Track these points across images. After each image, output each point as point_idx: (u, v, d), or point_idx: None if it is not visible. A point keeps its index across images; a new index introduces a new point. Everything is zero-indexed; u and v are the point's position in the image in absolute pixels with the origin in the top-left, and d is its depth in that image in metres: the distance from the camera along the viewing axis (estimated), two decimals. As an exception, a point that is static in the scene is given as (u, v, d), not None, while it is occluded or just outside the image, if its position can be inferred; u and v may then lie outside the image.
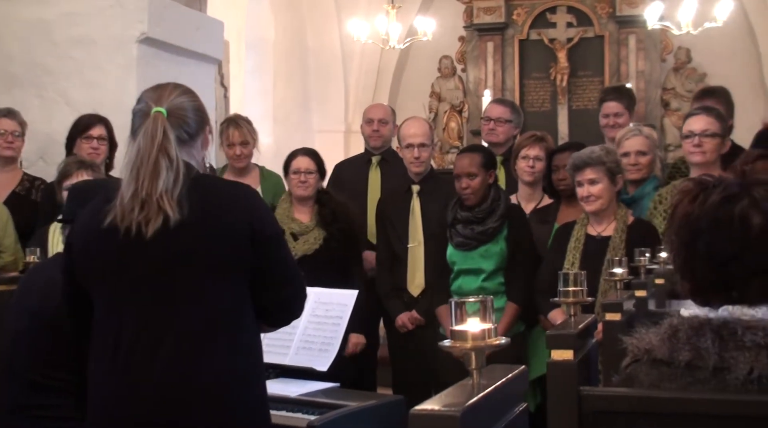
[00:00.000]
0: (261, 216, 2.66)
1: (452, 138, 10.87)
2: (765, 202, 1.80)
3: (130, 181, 2.52)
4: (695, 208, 1.83)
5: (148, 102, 2.65)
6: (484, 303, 1.49)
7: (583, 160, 4.40)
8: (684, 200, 1.86)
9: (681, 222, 1.84)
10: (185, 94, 2.71)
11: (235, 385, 2.57)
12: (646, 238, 4.24)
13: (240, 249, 2.57)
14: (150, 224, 2.48)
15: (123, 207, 2.51)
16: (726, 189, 1.82)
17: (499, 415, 1.43)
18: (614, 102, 5.71)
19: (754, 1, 10.46)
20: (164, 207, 2.48)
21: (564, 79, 10.46)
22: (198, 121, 2.70)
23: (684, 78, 10.53)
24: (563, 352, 1.86)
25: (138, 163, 2.53)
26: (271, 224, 2.74)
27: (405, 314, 5.23)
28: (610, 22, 10.39)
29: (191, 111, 2.68)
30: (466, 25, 10.83)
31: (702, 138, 4.35)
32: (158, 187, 2.49)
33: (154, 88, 2.72)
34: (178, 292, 2.54)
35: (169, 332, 2.51)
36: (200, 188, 2.59)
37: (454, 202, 4.85)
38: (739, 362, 1.73)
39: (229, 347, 2.56)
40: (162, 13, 5.65)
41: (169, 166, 2.52)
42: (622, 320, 2.77)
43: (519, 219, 4.84)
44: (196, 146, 2.71)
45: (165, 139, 2.55)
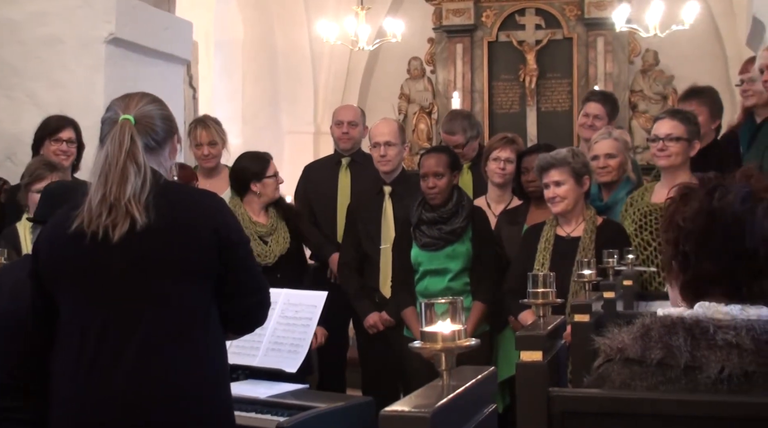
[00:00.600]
0: (227, 223, 2.68)
1: (421, 139, 10.88)
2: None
3: (98, 186, 2.53)
4: (713, 202, 1.84)
5: (117, 110, 2.66)
6: (453, 305, 1.49)
7: (548, 162, 4.44)
8: (696, 193, 1.87)
9: (692, 215, 1.85)
10: (153, 102, 2.73)
11: (199, 389, 2.58)
12: (615, 239, 4.28)
13: (206, 254, 2.60)
14: (117, 228, 2.49)
15: (91, 212, 2.52)
16: (742, 188, 1.84)
17: (469, 416, 1.43)
18: (597, 104, 5.72)
19: (721, 4, 10.55)
20: (132, 211, 2.49)
21: (533, 81, 10.50)
22: (166, 129, 2.72)
23: (651, 80, 10.60)
24: (532, 353, 1.87)
25: (106, 169, 2.54)
26: (237, 231, 2.75)
27: (375, 314, 5.22)
28: (578, 24, 10.45)
29: (159, 119, 2.70)
30: (435, 26, 10.85)
31: (666, 142, 4.38)
32: (126, 191, 2.50)
33: (122, 97, 2.73)
34: (144, 296, 2.54)
35: (134, 336, 2.51)
36: (168, 195, 2.60)
37: (418, 203, 4.86)
38: (710, 361, 1.74)
39: (194, 351, 2.57)
40: (130, 13, 5.62)
41: (136, 171, 2.53)
42: (591, 321, 2.78)
43: (482, 219, 4.88)
44: (164, 154, 2.72)
45: (133, 146, 2.56)
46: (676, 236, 1.88)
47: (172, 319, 2.55)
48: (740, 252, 1.82)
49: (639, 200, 4.55)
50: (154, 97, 2.77)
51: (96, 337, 2.52)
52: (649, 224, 4.40)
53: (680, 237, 1.87)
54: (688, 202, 1.88)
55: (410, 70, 11.22)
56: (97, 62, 5.53)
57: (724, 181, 1.89)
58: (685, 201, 1.89)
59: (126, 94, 2.75)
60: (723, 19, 10.58)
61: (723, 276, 1.83)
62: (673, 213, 1.90)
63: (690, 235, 1.85)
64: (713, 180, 1.89)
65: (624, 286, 3.70)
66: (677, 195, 1.93)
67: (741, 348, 1.73)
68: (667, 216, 1.92)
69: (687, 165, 4.42)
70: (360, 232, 5.34)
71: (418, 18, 11.04)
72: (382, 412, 1.25)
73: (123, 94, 2.78)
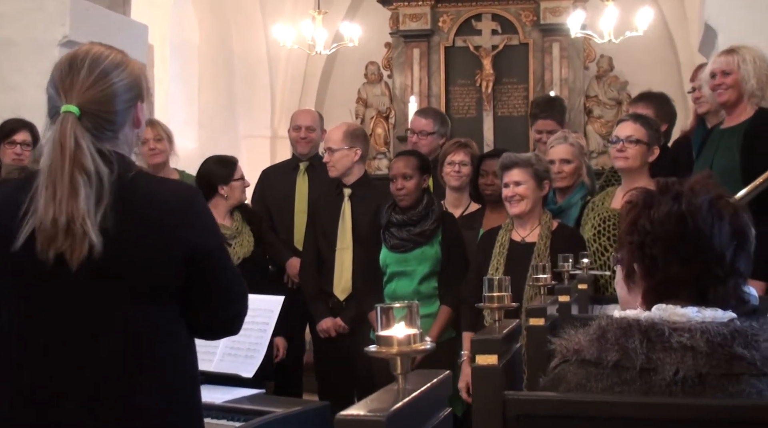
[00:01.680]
0: (202, 228, 2.35)
1: (379, 144, 10.89)
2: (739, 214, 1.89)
3: (48, 200, 2.17)
4: (682, 206, 1.86)
5: (58, 89, 2.31)
6: (410, 309, 1.49)
7: (512, 160, 4.45)
8: (662, 198, 1.89)
9: (662, 219, 1.87)
10: (104, 77, 2.30)
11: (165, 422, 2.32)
12: (570, 243, 4.30)
13: (175, 268, 2.29)
14: (75, 254, 2.16)
15: (45, 231, 2.17)
16: (705, 194, 1.87)
17: (424, 420, 1.43)
18: (548, 120, 5.77)
19: (674, 11, 10.67)
20: (88, 233, 2.15)
21: (489, 86, 10.54)
22: (124, 107, 2.33)
23: (606, 86, 10.69)
24: (488, 357, 1.87)
25: (53, 177, 2.18)
26: (213, 236, 2.42)
27: (329, 320, 5.22)
28: (534, 30, 10.51)
29: (114, 98, 2.31)
30: (392, 31, 10.86)
31: (626, 143, 4.42)
32: (79, 207, 2.15)
33: (66, 67, 2.33)
34: (98, 321, 2.24)
35: (83, 368, 2.23)
36: (133, 195, 2.26)
37: (388, 206, 4.88)
38: (665, 363, 1.75)
39: (158, 381, 2.30)
40: (84, 16, 5.57)
41: (86, 181, 2.17)
42: (546, 325, 2.80)
43: (451, 223, 4.90)
44: (124, 131, 2.35)
45: (78, 151, 2.19)
46: (642, 240, 1.90)
47: (131, 346, 2.26)
48: (709, 257, 1.84)
49: (600, 205, 4.58)
50: (110, 59, 2.34)
51: (36, 363, 2.24)
52: (607, 230, 4.44)
53: (647, 241, 1.89)
54: (653, 206, 1.90)
55: (367, 75, 11.22)
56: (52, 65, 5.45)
57: (683, 185, 1.91)
58: (650, 205, 1.90)
59: (71, 59, 2.34)
60: (676, 25, 10.70)
61: (691, 280, 1.86)
62: (637, 217, 1.91)
63: (659, 239, 1.87)
64: (675, 185, 1.92)
65: (579, 290, 3.72)
66: (639, 199, 1.94)
67: (695, 351, 1.75)
68: (630, 220, 1.93)
69: (646, 169, 4.47)
70: (317, 233, 5.34)
71: (374, 23, 11.05)
72: (338, 416, 1.26)
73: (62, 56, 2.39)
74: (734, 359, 1.75)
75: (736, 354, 1.75)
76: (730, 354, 1.75)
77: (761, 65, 4.56)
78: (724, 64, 4.60)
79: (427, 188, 4.91)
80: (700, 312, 1.82)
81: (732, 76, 4.57)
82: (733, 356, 1.75)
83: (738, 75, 4.55)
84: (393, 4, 10.71)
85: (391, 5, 10.73)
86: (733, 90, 4.58)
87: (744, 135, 4.54)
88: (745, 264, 1.89)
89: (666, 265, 1.87)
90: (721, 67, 4.60)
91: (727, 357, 1.75)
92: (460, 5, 10.68)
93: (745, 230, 1.89)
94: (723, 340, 1.76)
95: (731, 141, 4.58)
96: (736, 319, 1.83)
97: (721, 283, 1.85)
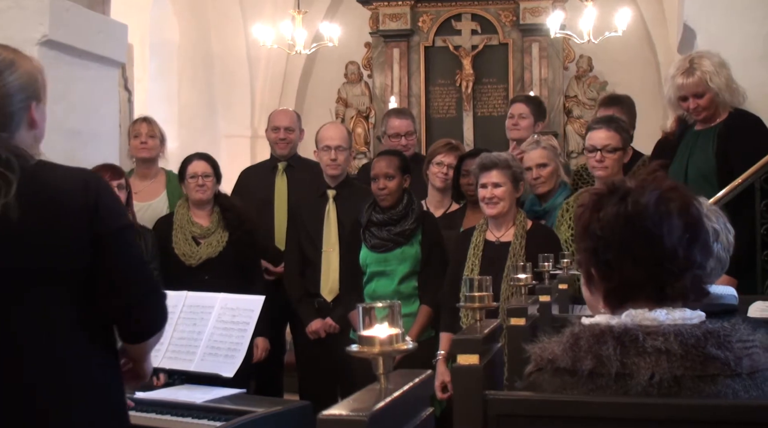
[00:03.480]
0: (105, 210, 2.30)
1: (359, 143, 10.88)
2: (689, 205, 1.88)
3: None
4: (628, 207, 1.86)
5: None
6: (392, 308, 1.50)
7: (492, 161, 4.45)
8: (608, 200, 1.90)
9: (609, 223, 1.87)
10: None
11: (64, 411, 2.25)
12: (546, 243, 4.31)
13: (76, 252, 2.26)
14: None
15: None
16: (651, 192, 1.87)
17: (406, 419, 1.44)
18: (521, 104, 5.80)
19: (653, 12, 10.72)
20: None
21: (469, 86, 10.56)
22: (15, 108, 2.31)
23: (586, 86, 10.73)
24: (469, 357, 1.88)
25: None
26: (117, 217, 2.37)
27: (318, 321, 5.22)
28: (513, 30, 10.54)
29: (2, 101, 2.29)
30: (372, 31, 10.87)
31: (604, 153, 4.45)
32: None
33: None
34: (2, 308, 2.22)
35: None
36: (36, 183, 2.23)
37: (368, 205, 4.88)
38: (640, 368, 1.76)
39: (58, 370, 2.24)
40: (63, 15, 5.54)
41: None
42: (527, 325, 2.81)
43: (432, 223, 4.92)
44: (20, 132, 2.32)
45: None
46: (595, 246, 1.90)
47: (29, 331, 2.22)
48: (661, 255, 1.85)
49: (574, 205, 4.60)
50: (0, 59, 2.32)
51: None
52: (582, 231, 4.45)
53: (599, 247, 1.89)
54: (601, 209, 1.90)
55: (347, 75, 11.22)
56: (30, 65, 5.45)
57: (631, 183, 1.91)
58: (598, 208, 1.90)
59: None
60: (655, 25, 10.74)
61: (647, 280, 1.86)
62: (588, 221, 1.91)
63: (610, 244, 1.87)
64: (622, 185, 1.92)
65: (559, 290, 3.74)
66: (589, 201, 1.94)
67: (670, 354, 1.76)
68: (582, 225, 1.93)
69: (621, 172, 4.51)
70: (301, 235, 5.33)
71: (354, 22, 11.05)
72: (320, 416, 1.26)
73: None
74: (708, 360, 1.75)
75: (709, 356, 1.76)
76: (703, 356, 1.76)
77: (724, 71, 4.54)
78: (693, 87, 4.55)
79: (407, 188, 4.91)
80: (669, 314, 1.83)
81: (706, 97, 4.54)
82: (707, 357, 1.76)
83: (711, 93, 4.52)
84: (373, 4, 10.72)
85: (371, 5, 10.74)
86: (710, 107, 4.57)
87: (719, 136, 4.56)
88: (701, 254, 1.88)
89: (620, 269, 1.87)
90: (692, 91, 4.56)
91: (701, 359, 1.75)
92: (439, 5, 10.70)
93: (697, 221, 1.88)
94: (696, 342, 1.77)
95: (706, 143, 4.60)
96: (706, 320, 1.84)
97: (678, 279, 1.85)
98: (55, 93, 5.46)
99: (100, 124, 5.51)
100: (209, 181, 5.19)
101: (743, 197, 4.52)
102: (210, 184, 5.18)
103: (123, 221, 2.39)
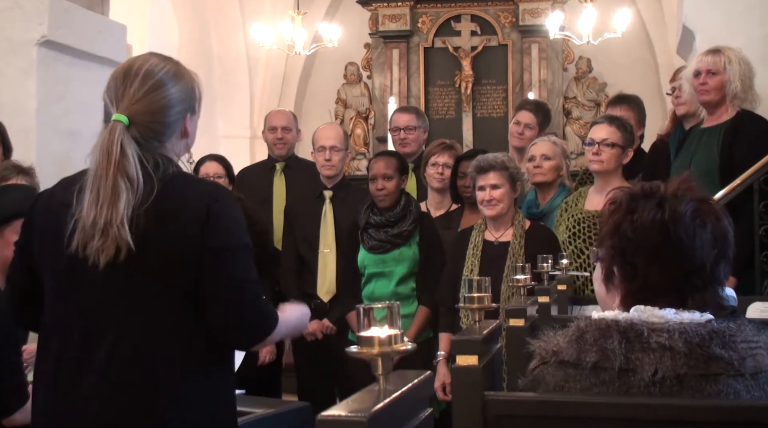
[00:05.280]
0: (216, 224, 2.36)
1: (358, 144, 10.90)
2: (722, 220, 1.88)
3: (91, 204, 2.29)
4: (665, 215, 1.85)
5: (112, 98, 2.39)
6: (391, 309, 1.49)
7: (489, 163, 4.43)
8: (645, 204, 1.89)
9: (644, 228, 1.86)
10: (158, 88, 2.39)
11: None
12: (545, 243, 4.31)
13: (189, 268, 2.34)
14: (104, 254, 2.27)
15: (85, 232, 2.29)
16: (689, 202, 1.87)
17: (406, 420, 1.43)
18: (529, 113, 5.76)
19: (652, 13, 10.73)
20: (120, 237, 2.26)
21: (468, 87, 10.57)
22: (173, 118, 2.43)
23: (585, 87, 10.74)
24: (468, 357, 1.88)
25: (97, 183, 2.29)
26: (225, 235, 2.39)
27: (315, 322, 5.21)
28: (513, 31, 10.55)
29: (162, 111, 2.40)
30: (372, 32, 10.88)
31: (601, 146, 4.45)
32: (119, 212, 2.26)
33: (122, 75, 2.41)
34: (123, 318, 2.32)
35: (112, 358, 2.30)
36: (166, 198, 2.34)
37: (366, 207, 4.88)
38: (644, 363, 1.76)
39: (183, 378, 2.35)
40: (63, 15, 5.53)
41: (128, 186, 2.28)
42: (526, 326, 2.81)
43: (429, 224, 4.91)
44: (172, 141, 2.45)
45: (123, 159, 2.30)
46: (624, 246, 1.89)
47: (154, 340, 2.32)
48: (689, 268, 1.84)
49: (573, 206, 4.59)
50: (164, 71, 2.42)
51: (75, 351, 2.33)
52: (583, 232, 4.45)
53: (628, 249, 1.88)
54: (636, 212, 1.89)
55: (347, 75, 11.23)
56: (29, 65, 5.44)
57: (668, 190, 1.90)
58: (632, 210, 1.89)
59: (126, 69, 2.41)
60: (654, 27, 10.75)
61: (670, 289, 1.86)
62: (620, 220, 1.90)
63: (640, 248, 1.87)
64: (658, 190, 1.91)
65: (558, 291, 3.74)
66: (623, 201, 1.93)
67: (674, 351, 1.75)
68: (613, 223, 1.91)
69: (620, 171, 4.50)
70: (298, 236, 5.33)
71: (354, 23, 11.06)
72: (320, 416, 1.26)
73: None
74: (712, 359, 1.75)
75: (713, 355, 1.75)
76: (707, 355, 1.75)
77: (745, 68, 4.57)
78: (710, 63, 4.59)
79: (403, 189, 4.91)
80: (678, 314, 1.83)
81: (718, 77, 4.56)
82: (711, 356, 1.75)
83: (724, 76, 4.55)
84: (372, 5, 10.73)
85: (371, 6, 10.75)
86: (716, 91, 4.58)
87: (725, 135, 4.55)
88: (724, 270, 1.89)
89: (646, 273, 1.86)
90: (708, 67, 4.59)
91: (705, 358, 1.75)
92: (439, 6, 10.71)
93: (726, 236, 1.88)
94: (701, 341, 1.76)
95: (711, 140, 4.60)
96: (713, 320, 1.84)
97: (700, 292, 1.86)
98: (55, 93, 5.48)
99: (99, 124, 5.49)
100: (221, 182, 5.19)
101: (742, 198, 4.52)
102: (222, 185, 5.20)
103: (238, 240, 2.42)
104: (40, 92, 5.35)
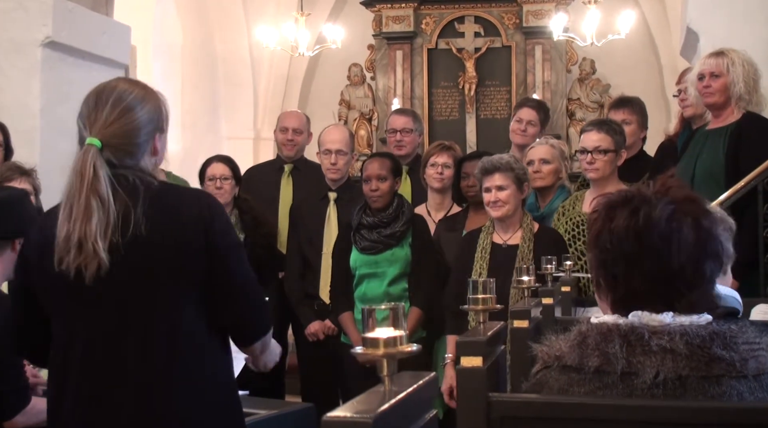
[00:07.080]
0: (219, 223, 2.52)
1: (362, 146, 10.89)
2: (702, 218, 1.86)
3: (64, 220, 2.39)
4: (639, 222, 1.85)
5: (85, 122, 2.49)
6: (395, 311, 1.49)
7: (494, 165, 4.43)
8: (621, 211, 1.88)
9: (619, 237, 1.86)
10: (128, 111, 2.50)
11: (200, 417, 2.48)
12: (553, 246, 4.31)
13: (194, 272, 2.46)
14: (88, 269, 2.36)
15: (58, 247, 2.39)
16: (666, 205, 1.85)
17: (410, 421, 1.43)
18: (530, 110, 5.76)
19: (655, 15, 10.72)
20: (98, 252, 2.35)
21: (472, 89, 10.57)
22: (144, 139, 2.53)
23: (588, 89, 10.73)
24: (472, 359, 1.88)
25: (70, 201, 2.39)
26: (228, 235, 2.57)
27: (317, 323, 5.22)
28: (516, 32, 10.54)
29: (135, 132, 2.50)
30: (375, 33, 10.88)
31: (594, 155, 4.46)
32: (92, 229, 2.35)
33: (93, 100, 2.52)
34: (127, 327, 2.42)
35: (121, 371, 2.41)
36: (161, 203, 2.47)
37: (359, 208, 4.88)
38: (646, 366, 1.76)
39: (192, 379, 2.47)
40: (67, 16, 5.54)
41: (100, 205, 2.37)
42: (530, 327, 2.81)
43: (422, 226, 4.91)
44: (144, 160, 2.56)
45: (95, 180, 2.39)
46: (604, 257, 1.89)
47: (162, 346, 2.42)
48: (668, 273, 1.84)
49: (570, 209, 4.60)
50: (133, 96, 2.53)
51: (80, 368, 2.42)
52: (582, 234, 4.45)
53: (608, 259, 1.88)
54: (613, 220, 1.89)
55: (350, 77, 11.23)
56: (33, 66, 5.45)
57: (646, 194, 1.90)
58: (610, 218, 1.89)
59: (97, 94, 2.53)
60: (658, 28, 10.75)
61: (654, 295, 1.85)
62: (599, 231, 1.90)
63: (618, 257, 1.87)
64: (636, 196, 1.90)
65: (562, 292, 3.73)
66: (602, 209, 1.93)
67: (675, 353, 1.75)
68: (594, 234, 1.92)
69: (615, 173, 4.52)
70: (302, 238, 5.33)
71: (358, 24, 11.06)
72: (325, 418, 1.26)
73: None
74: (713, 361, 1.75)
75: (715, 356, 1.75)
76: (709, 356, 1.75)
77: (749, 69, 4.56)
78: (713, 66, 4.58)
79: (396, 191, 4.91)
80: (676, 317, 1.82)
81: (721, 80, 4.56)
82: (712, 358, 1.75)
83: (727, 78, 4.54)
84: (376, 6, 10.72)
85: (374, 7, 10.74)
86: (720, 93, 4.57)
87: (730, 137, 4.54)
88: (711, 267, 1.87)
89: (627, 282, 1.87)
90: (711, 69, 4.59)
91: (707, 359, 1.75)
92: (443, 7, 10.70)
93: (709, 234, 1.86)
94: (702, 342, 1.76)
95: (717, 142, 4.59)
96: (714, 322, 1.83)
97: (686, 295, 1.85)
98: (58, 94, 5.48)
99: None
100: (227, 184, 5.26)
101: (747, 200, 4.51)
102: (228, 186, 5.25)
103: (235, 239, 2.62)
104: (44, 93, 5.37)
